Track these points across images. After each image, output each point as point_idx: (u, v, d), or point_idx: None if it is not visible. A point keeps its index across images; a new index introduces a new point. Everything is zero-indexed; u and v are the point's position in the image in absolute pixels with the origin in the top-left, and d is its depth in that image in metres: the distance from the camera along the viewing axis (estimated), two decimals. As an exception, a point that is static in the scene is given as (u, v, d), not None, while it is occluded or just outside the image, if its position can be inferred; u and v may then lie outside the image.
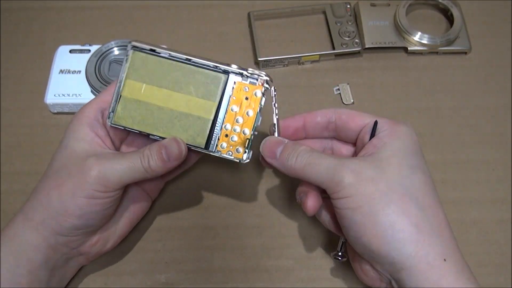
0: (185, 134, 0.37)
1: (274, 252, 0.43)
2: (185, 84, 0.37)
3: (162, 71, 0.37)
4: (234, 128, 0.37)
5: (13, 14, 0.55)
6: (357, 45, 0.52)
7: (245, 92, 0.37)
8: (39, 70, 0.51)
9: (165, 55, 0.37)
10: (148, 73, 0.37)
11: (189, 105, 0.37)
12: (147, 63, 0.37)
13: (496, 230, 0.44)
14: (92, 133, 0.37)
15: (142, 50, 0.37)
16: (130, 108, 0.37)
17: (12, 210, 0.44)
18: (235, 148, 0.37)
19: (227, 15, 0.56)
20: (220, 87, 0.37)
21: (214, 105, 0.37)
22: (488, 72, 0.52)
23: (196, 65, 0.37)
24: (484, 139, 0.49)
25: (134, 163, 0.35)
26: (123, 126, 0.37)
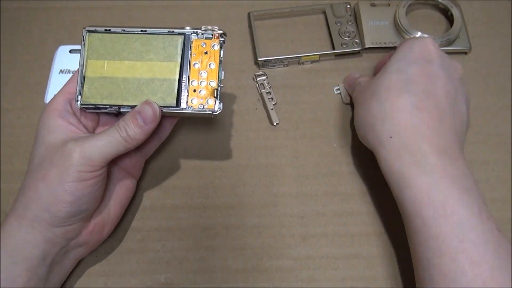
0: (154, 97, 0.38)
1: (274, 252, 0.43)
2: (145, 52, 0.38)
3: (120, 45, 0.38)
4: (200, 82, 0.38)
5: (13, 14, 0.55)
6: (357, 45, 0.52)
7: (203, 48, 0.38)
8: (39, 70, 0.51)
9: (119, 31, 0.38)
10: (107, 50, 0.38)
11: (153, 70, 0.38)
12: (104, 41, 0.38)
13: (496, 230, 0.44)
14: (65, 122, 0.37)
15: (97, 31, 0.38)
16: (96, 86, 0.38)
17: (12, 210, 0.44)
18: (205, 100, 0.38)
19: (227, 15, 0.56)
20: (178, 47, 0.38)
21: (176, 65, 0.38)
22: (488, 72, 0.52)
23: (152, 33, 0.38)
24: (484, 139, 0.49)
25: (113, 137, 0.35)
26: (93, 104, 0.37)
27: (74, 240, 0.37)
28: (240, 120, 0.49)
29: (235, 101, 0.50)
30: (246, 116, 0.50)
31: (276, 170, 0.47)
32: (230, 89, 0.51)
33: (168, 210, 0.45)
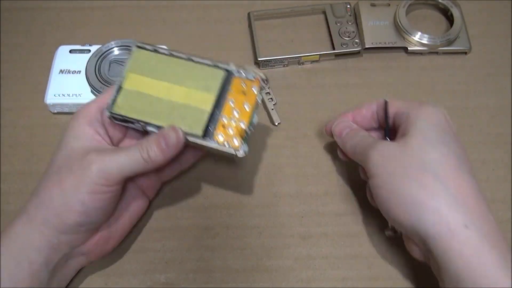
0: (182, 122, 0.37)
1: (274, 252, 0.43)
2: (185, 78, 0.38)
3: (164, 66, 0.38)
4: (231, 120, 0.38)
5: (13, 14, 0.55)
6: (357, 45, 0.52)
7: (242, 88, 0.38)
8: (39, 70, 0.51)
9: (166, 53, 0.38)
10: (150, 68, 0.38)
11: (188, 97, 0.38)
12: (150, 59, 0.38)
13: (496, 230, 0.44)
14: (92, 130, 0.37)
15: (146, 48, 0.39)
16: (130, 99, 0.38)
17: (12, 210, 0.44)
18: (231, 138, 0.37)
19: (227, 15, 0.56)
20: (219, 81, 0.38)
21: (212, 97, 0.38)
22: (488, 72, 0.52)
23: (197, 62, 0.38)
24: (484, 139, 0.49)
25: (134, 155, 0.35)
26: (122, 115, 0.37)
27: (78, 248, 0.37)
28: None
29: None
30: (246, 116, 0.50)
31: (276, 170, 0.47)
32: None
33: (168, 210, 0.45)
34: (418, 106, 0.38)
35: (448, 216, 0.33)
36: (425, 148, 0.35)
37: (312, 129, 0.49)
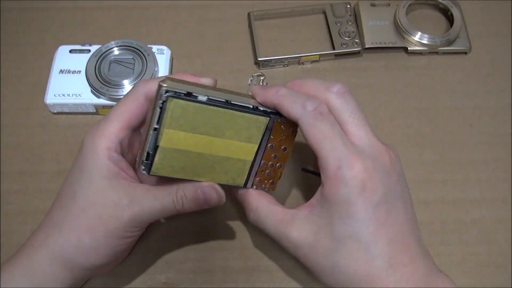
0: (225, 176, 0.37)
1: (274, 252, 0.43)
2: (226, 129, 0.35)
3: (203, 118, 0.34)
4: (270, 163, 0.38)
5: (13, 14, 0.55)
6: (357, 45, 0.52)
7: (282, 130, 0.37)
8: (39, 70, 0.51)
9: (203, 99, 0.33)
10: (188, 121, 0.34)
11: (230, 149, 0.36)
12: (187, 111, 0.33)
13: (496, 230, 0.44)
14: (116, 168, 0.35)
15: (179, 96, 0.32)
16: (169, 158, 0.34)
17: (12, 210, 0.44)
18: (269, 181, 0.38)
19: (227, 15, 0.56)
20: (261, 130, 0.36)
21: (255, 147, 0.36)
22: (488, 72, 0.52)
23: (237, 109, 0.35)
24: (484, 139, 0.49)
25: (166, 203, 0.35)
26: (162, 175, 0.35)
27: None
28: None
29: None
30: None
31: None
32: (230, 89, 0.51)
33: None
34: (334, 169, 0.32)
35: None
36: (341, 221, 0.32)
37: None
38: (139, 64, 0.49)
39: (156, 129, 0.33)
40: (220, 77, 0.52)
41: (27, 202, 0.45)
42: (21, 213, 0.45)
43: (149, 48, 0.50)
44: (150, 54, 0.49)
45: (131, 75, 0.48)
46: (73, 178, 0.36)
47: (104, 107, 0.48)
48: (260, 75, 0.51)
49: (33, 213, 0.44)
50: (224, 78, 0.52)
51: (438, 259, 0.35)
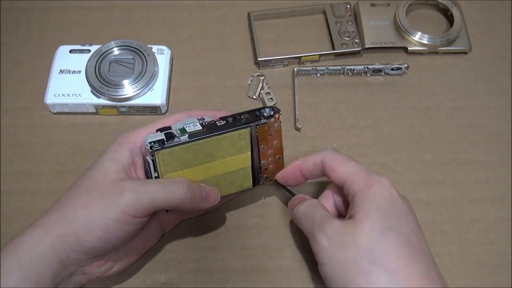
0: (233, 187, 0.41)
1: (274, 252, 0.43)
2: (216, 152, 0.38)
3: (192, 153, 0.37)
4: (270, 159, 0.41)
5: (13, 14, 0.55)
6: (357, 45, 0.52)
7: (266, 131, 0.40)
8: (39, 70, 0.51)
9: (185, 139, 0.36)
10: (180, 161, 0.37)
11: (228, 165, 0.39)
12: (175, 155, 0.37)
13: (496, 230, 0.44)
14: (130, 159, 0.37)
15: (162, 146, 0.36)
16: None
17: (12, 210, 0.44)
18: (275, 173, 0.42)
19: (227, 15, 0.56)
20: (247, 139, 0.39)
21: (248, 154, 0.40)
22: (488, 72, 0.52)
23: (218, 134, 0.37)
24: (484, 139, 0.49)
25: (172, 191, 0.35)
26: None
27: (82, 267, 0.36)
28: (240, 120, 0.49)
29: (235, 101, 0.50)
30: (246, 116, 0.50)
31: (276, 170, 0.47)
32: (230, 89, 0.51)
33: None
34: (364, 185, 0.35)
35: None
36: (373, 238, 0.33)
37: (312, 129, 0.49)
38: (139, 64, 0.49)
39: (156, 176, 0.37)
40: (220, 77, 0.52)
41: (27, 202, 0.45)
42: (21, 213, 0.45)
43: (149, 48, 0.50)
44: (150, 54, 0.49)
45: (131, 75, 0.48)
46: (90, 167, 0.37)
47: (104, 107, 0.48)
48: (260, 75, 0.52)
49: (33, 213, 0.44)
50: (224, 78, 0.52)
51: (438, 259, 0.35)
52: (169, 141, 0.36)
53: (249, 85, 0.51)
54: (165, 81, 0.49)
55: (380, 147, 0.48)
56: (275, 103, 0.50)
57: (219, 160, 0.39)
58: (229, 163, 0.39)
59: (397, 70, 0.51)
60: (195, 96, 0.51)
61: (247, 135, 0.39)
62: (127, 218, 0.34)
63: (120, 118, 0.49)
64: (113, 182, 0.35)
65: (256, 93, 0.51)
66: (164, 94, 0.49)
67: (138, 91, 0.48)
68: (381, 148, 0.48)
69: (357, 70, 0.51)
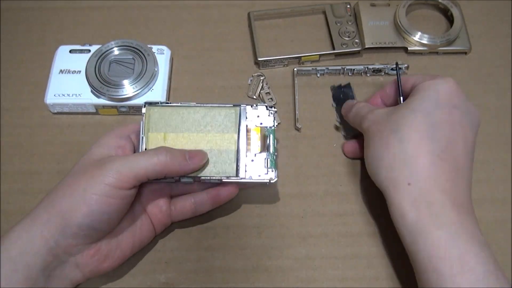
0: (214, 169, 0.39)
1: (274, 252, 0.43)
2: (203, 124, 0.40)
3: (180, 118, 0.40)
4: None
5: (13, 14, 0.55)
6: (357, 45, 0.52)
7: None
8: (39, 70, 0.51)
9: (177, 104, 0.40)
10: (167, 122, 0.39)
11: (212, 142, 0.40)
12: (164, 114, 0.39)
13: (496, 230, 0.44)
14: (116, 143, 0.38)
15: (156, 104, 0.40)
16: None
17: (12, 210, 0.44)
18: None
19: (227, 15, 0.56)
20: (235, 119, 0.40)
21: (234, 136, 0.40)
22: (488, 72, 0.52)
23: (209, 106, 0.40)
24: (484, 139, 0.48)
25: (151, 157, 0.36)
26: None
27: (74, 257, 0.36)
28: (240, 120, 0.49)
29: (235, 101, 0.50)
30: (246, 116, 0.50)
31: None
32: (230, 89, 0.51)
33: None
34: (429, 78, 0.40)
35: (396, 172, 0.37)
36: (403, 112, 0.38)
37: (312, 129, 0.49)
38: (139, 64, 0.49)
39: (143, 138, 0.39)
40: (220, 77, 0.52)
41: (27, 202, 0.45)
42: (21, 213, 0.44)
43: (149, 48, 0.50)
44: (150, 54, 0.49)
45: (131, 75, 0.48)
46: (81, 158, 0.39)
47: (104, 107, 0.48)
48: (260, 75, 0.52)
49: (33, 213, 0.44)
50: (224, 78, 0.52)
51: (438, 259, 0.35)
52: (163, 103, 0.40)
53: (249, 85, 0.51)
54: (165, 81, 0.49)
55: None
56: (275, 103, 0.50)
57: (204, 134, 0.39)
58: (213, 140, 0.40)
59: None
60: (195, 96, 0.51)
61: (236, 114, 0.40)
62: (109, 189, 0.34)
63: (120, 118, 0.49)
64: (98, 160, 0.36)
65: (256, 93, 0.51)
66: (164, 94, 0.49)
67: (138, 91, 0.48)
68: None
69: (357, 70, 0.51)
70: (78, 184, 0.35)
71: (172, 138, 0.39)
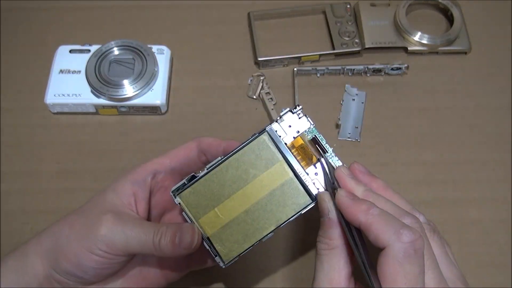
0: (287, 208, 0.34)
1: (274, 252, 0.43)
2: (244, 175, 0.34)
3: (216, 184, 0.34)
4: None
5: (13, 14, 0.55)
6: (357, 45, 0.52)
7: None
8: (39, 70, 0.51)
9: (203, 172, 0.34)
10: (208, 198, 0.34)
11: (266, 184, 0.34)
12: (199, 192, 0.34)
13: (496, 230, 0.44)
14: (130, 190, 0.35)
15: (182, 188, 0.34)
16: (226, 238, 0.34)
17: (12, 210, 0.45)
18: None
19: (227, 15, 0.56)
20: (271, 146, 0.34)
21: (282, 164, 0.34)
22: (488, 72, 0.52)
23: (235, 152, 0.34)
24: (484, 139, 0.49)
25: (145, 235, 0.33)
26: (237, 256, 0.34)
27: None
28: (240, 120, 0.49)
29: (235, 101, 0.50)
30: (246, 116, 0.50)
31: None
32: (230, 89, 0.51)
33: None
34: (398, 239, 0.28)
35: None
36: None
37: (312, 129, 0.49)
38: (139, 64, 0.49)
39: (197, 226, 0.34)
40: (220, 77, 0.52)
41: (27, 202, 0.45)
42: (21, 213, 0.45)
43: (149, 48, 0.50)
44: (150, 54, 0.49)
45: (131, 75, 0.48)
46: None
47: (104, 107, 0.48)
48: (260, 75, 0.52)
49: (33, 213, 0.45)
50: (224, 78, 0.52)
51: (438, 259, 0.35)
52: (190, 181, 0.34)
53: (249, 85, 0.51)
54: (165, 81, 0.49)
55: (380, 147, 0.48)
56: (275, 103, 0.50)
57: (252, 182, 0.34)
58: (265, 182, 0.34)
59: (397, 70, 0.51)
60: (195, 96, 0.51)
61: (267, 141, 0.34)
62: (98, 252, 0.33)
63: (120, 118, 0.49)
64: (102, 210, 0.34)
65: (256, 93, 0.51)
66: (164, 94, 0.49)
67: (138, 91, 0.48)
68: (381, 148, 0.48)
69: (357, 70, 0.51)
70: (76, 230, 0.34)
71: (224, 208, 0.34)
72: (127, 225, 0.34)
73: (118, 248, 0.33)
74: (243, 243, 0.34)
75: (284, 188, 0.34)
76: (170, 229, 0.34)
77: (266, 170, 0.34)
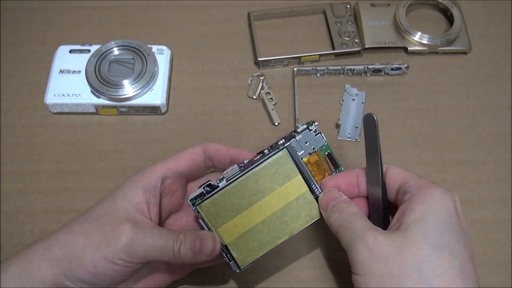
0: (300, 220, 0.36)
1: (274, 252, 0.43)
2: (262, 187, 0.36)
3: (235, 196, 0.35)
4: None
5: (13, 14, 0.55)
6: (357, 45, 0.52)
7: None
8: (39, 70, 0.51)
9: (224, 184, 0.35)
10: (227, 209, 0.35)
11: (282, 197, 0.36)
12: (219, 203, 0.35)
13: (496, 230, 0.44)
14: (143, 197, 0.36)
15: (204, 199, 0.35)
16: (242, 246, 0.36)
17: (12, 210, 0.45)
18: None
19: (227, 15, 0.56)
20: (289, 162, 0.36)
21: (299, 178, 0.36)
22: (488, 72, 0.52)
23: (255, 165, 0.35)
24: (484, 139, 0.49)
25: (165, 243, 0.34)
26: (252, 262, 0.36)
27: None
28: (240, 120, 0.49)
29: (235, 101, 0.50)
30: (246, 116, 0.50)
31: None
32: (230, 89, 0.51)
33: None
34: (426, 187, 0.32)
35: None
36: (425, 254, 0.30)
37: (312, 129, 0.49)
38: (139, 64, 0.49)
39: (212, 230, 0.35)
40: (220, 77, 0.52)
41: (27, 202, 0.45)
42: (21, 213, 0.45)
43: (149, 48, 0.50)
44: (150, 54, 0.49)
45: (131, 75, 0.48)
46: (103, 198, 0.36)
47: (104, 107, 0.48)
48: (260, 75, 0.52)
49: (33, 213, 0.45)
50: (224, 78, 0.52)
51: (438, 259, 0.35)
52: (209, 192, 0.35)
53: (249, 85, 0.51)
54: (165, 81, 0.49)
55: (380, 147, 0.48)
56: (275, 103, 0.50)
57: (270, 195, 0.36)
58: (282, 195, 0.36)
59: (397, 70, 0.51)
60: (195, 96, 0.51)
61: (286, 157, 0.36)
62: (118, 261, 0.33)
63: (120, 118, 0.49)
64: (118, 219, 0.34)
65: (256, 93, 0.51)
66: (164, 94, 0.49)
67: (138, 91, 0.48)
68: (381, 148, 0.48)
69: (357, 70, 0.51)
70: (92, 240, 0.34)
71: (242, 218, 0.35)
72: (147, 234, 0.34)
73: (138, 256, 0.34)
74: (259, 250, 0.36)
75: (299, 200, 0.36)
76: (189, 237, 0.34)
77: (283, 184, 0.36)
